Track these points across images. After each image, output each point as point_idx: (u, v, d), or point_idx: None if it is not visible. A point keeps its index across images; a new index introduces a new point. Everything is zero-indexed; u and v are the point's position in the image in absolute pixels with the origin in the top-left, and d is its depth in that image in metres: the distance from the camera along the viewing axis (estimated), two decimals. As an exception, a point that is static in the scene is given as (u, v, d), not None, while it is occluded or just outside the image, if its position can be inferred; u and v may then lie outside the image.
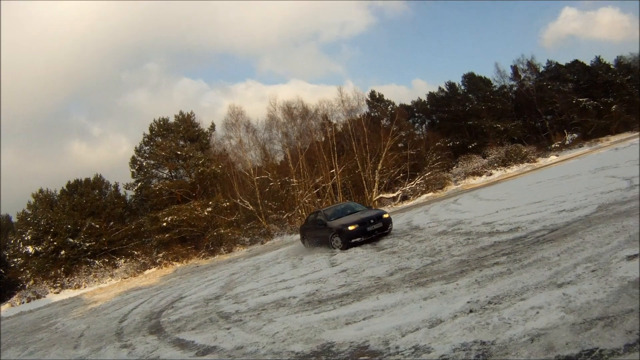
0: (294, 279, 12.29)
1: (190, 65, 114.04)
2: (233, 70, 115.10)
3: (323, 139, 48.16)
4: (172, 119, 46.23)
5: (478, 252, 9.58)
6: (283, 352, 6.25)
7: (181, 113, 46.68)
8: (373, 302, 7.51)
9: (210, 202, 41.93)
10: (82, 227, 40.61)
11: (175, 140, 44.72)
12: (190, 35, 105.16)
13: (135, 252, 40.31)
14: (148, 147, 44.87)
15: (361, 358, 5.26)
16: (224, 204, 42.00)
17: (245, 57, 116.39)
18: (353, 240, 15.29)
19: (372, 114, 56.66)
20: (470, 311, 5.69)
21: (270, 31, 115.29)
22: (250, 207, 41.68)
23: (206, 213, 41.11)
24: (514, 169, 46.81)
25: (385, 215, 16.28)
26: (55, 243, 39.50)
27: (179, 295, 16.43)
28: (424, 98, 67.72)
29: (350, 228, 15.48)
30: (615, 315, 4.44)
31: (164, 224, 40.31)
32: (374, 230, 15.60)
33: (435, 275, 8.36)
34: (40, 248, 39.16)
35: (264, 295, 11.25)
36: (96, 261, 39.44)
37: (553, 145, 55.22)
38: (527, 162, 48.16)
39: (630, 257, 5.83)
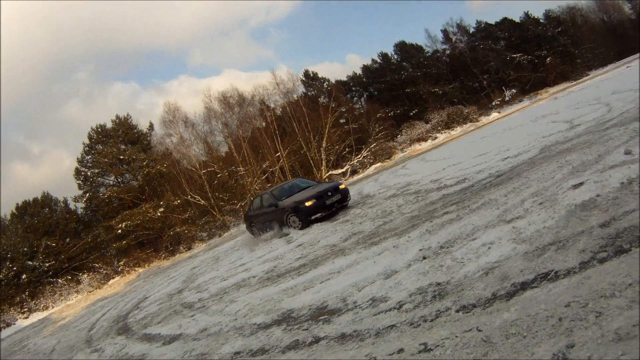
0: (253, 261, 12.24)
1: (121, 68, 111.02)
2: (164, 67, 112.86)
3: (264, 124, 47.80)
4: (109, 125, 45.12)
5: (428, 206, 9.65)
6: (245, 325, 6.32)
7: (117, 117, 45.61)
8: (329, 267, 7.55)
9: (161, 203, 41.17)
10: (38, 248, 39.33)
11: (116, 145, 43.61)
12: (116, 37, 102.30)
13: (97, 265, 39.38)
14: (90, 157, 43.71)
15: (320, 317, 5.30)
16: (175, 202, 41.31)
17: (175, 53, 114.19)
18: (313, 217, 14.08)
19: (309, 93, 56.38)
20: (424, 258, 5.73)
21: (197, 23, 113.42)
22: (202, 202, 41.26)
23: (159, 214, 40.38)
24: (458, 130, 47.54)
25: (342, 186, 15.43)
26: (14, 268, 38.19)
27: (144, 297, 16.17)
28: (359, 72, 67.75)
29: (308, 204, 14.22)
30: (566, 238, 4.51)
31: (119, 231, 39.50)
32: (334, 204, 14.55)
33: (388, 234, 8.38)
34: (0, 276, 37.96)
35: (224, 280, 11.22)
36: (59, 280, 38.35)
37: (493, 103, 56.28)
38: (470, 122, 48.98)
39: (575, 186, 5.90)
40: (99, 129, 44.59)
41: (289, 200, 15.41)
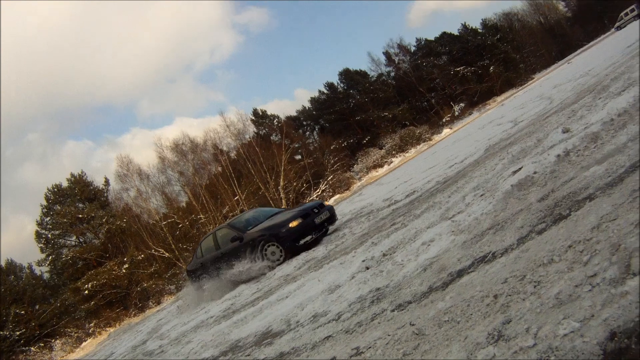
0: (211, 303, 12.18)
1: (71, 126, 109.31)
2: (115, 121, 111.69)
3: (220, 169, 47.65)
4: (65, 184, 44.70)
5: (377, 223, 9.69)
6: (195, 361, 6.32)
7: (72, 175, 45.26)
8: (278, 294, 7.53)
9: (125, 259, 40.62)
10: (7, 317, 38.40)
11: (74, 204, 43.21)
12: (64, 94, 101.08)
13: (68, 329, 38.57)
14: (49, 218, 43.10)
15: (264, 342, 5.31)
16: (139, 257, 40.82)
17: (124, 105, 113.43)
18: (302, 241, 11.16)
19: (261, 132, 56.51)
20: (367, 268, 5.64)
21: (143, 72, 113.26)
22: (167, 255, 40.61)
23: (124, 271, 39.81)
24: (412, 152, 48.01)
25: (327, 203, 14.02)
26: (-16, 339, 37.27)
27: (111, 353, 16.02)
28: (308, 105, 68.27)
29: (293, 225, 11.33)
30: (504, 219, 4.43)
31: (86, 292, 38.74)
32: (323, 222, 11.84)
33: (338, 254, 8.28)
34: (-29, 348, 36.79)
35: (184, 325, 11.28)
36: (32, 348, 37.37)
37: (444, 120, 57.22)
38: (424, 141, 49.56)
39: (515, 172, 5.79)
40: (55, 189, 44.23)
41: (261, 226, 12.25)
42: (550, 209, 3.97)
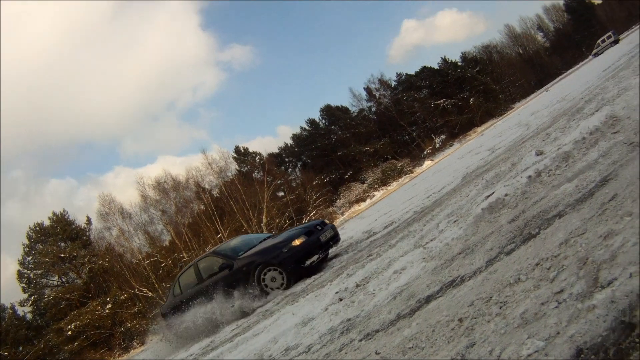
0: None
1: (55, 164, 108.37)
2: (99, 160, 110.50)
3: (202, 207, 47.56)
4: (47, 222, 44.78)
5: (355, 254, 9.55)
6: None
7: (54, 214, 45.27)
8: (254, 329, 7.49)
9: (108, 299, 40.40)
10: None
11: (56, 244, 42.99)
12: (48, 132, 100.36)
13: None
14: (31, 257, 42.99)
15: None
16: (122, 297, 40.58)
17: (108, 143, 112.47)
18: (308, 262, 9.66)
19: (243, 170, 56.62)
20: (340, 299, 5.55)
21: (126, 110, 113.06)
22: (150, 294, 40.18)
23: (107, 311, 39.57)
24: (394, 185, 48.23)
25: (328, 222, 12.30)
26: (-31, 385, 36.63)
27: None
28: (290, 142, 68.62)
29: (296, 243, 9.81)
30: (475, 243, 4.39)
31: (69, 332, 38.29)
32: (328, 241, 10.40)
33: (315, 288, 8.15)
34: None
35: None
36: None
37: (425, 152, 57.65)
38: (405, 174, 49.79)
39: (487, 196, 5.75)
40: (37, 228, 44.15)
41: (256, 249, 10.64)
42: (520, 229, 3.93)
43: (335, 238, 10.75)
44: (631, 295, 2.06)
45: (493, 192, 5.68)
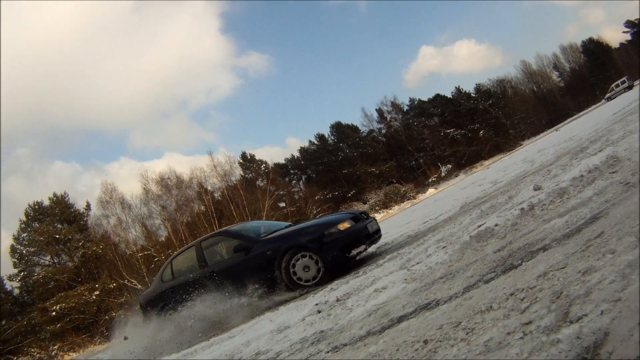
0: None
1: (61, 147, 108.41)
2: (105, 148, 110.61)
3: (203, 208, 47.78)
4: (47, 202, 45.70)
5: (343, 271, 9.39)
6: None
7: (54, 195, 46.15)
8: (231, 332, 7.52)
9: (97, 286, 40.77)
10: None
11: (52, 224, 43.81)
12: (58, 114, 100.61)
13: (32, 349, 38.06)
14: (26, 234, 43.64)
15: None
16: (111, 286, 40.94)
17: (116, 134, 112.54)
18: (355, 252, 8.07)
19: (247, 176, 56.91)
20: (318, 312, 5.53)
21: (139, 103, 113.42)
22: (139, 287, 40.28)
23: (94, 297, 39.95)
24: (395, 209, 48.16)
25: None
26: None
27: None
28: (297, 154, 68.89)
29: (343, 226, 8.20)
30: (458, 269, 4.36)
31: (54, 313, 38.72)
32: (375, 233, 8.92)
33: (297, 299, 8.09)
34: None
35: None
36: None
37: (430, 180, 57.66)
38: (408, 199, 49.74)
39: (479, 226, 5.70)
40: (36, 206, 44.93)
41: (286, 230, 8.92)
42: (503, 260, 3.91)
43: (379, 233, 9.23)
44: (598, 332, 2.01)
45: (485, 222, 5.64)
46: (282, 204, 51.72)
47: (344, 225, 8.20)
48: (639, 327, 1.89)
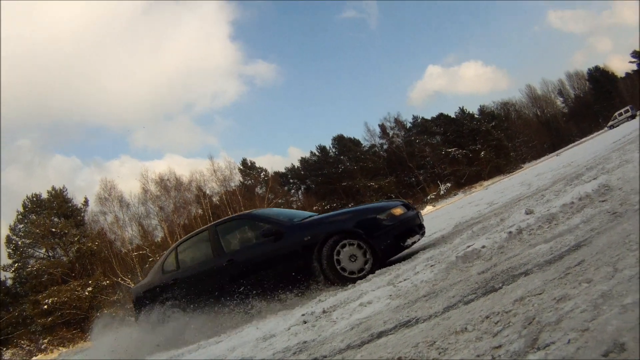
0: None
1: (63, 141, 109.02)
2: (107, 145, 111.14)
3: (200, 211, 47.99)
4: (45, 195, 45.81)
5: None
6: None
7: (53, 188, 46.35)
8: (217, 337, 7.52)
9: (90, 282, 40.91)
10: None
11: (50, 217, 44.09)
12: (62, 108, 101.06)
13: (22, 341, 38.21)
14: (22, 225, 43.80)
15: None
16: (105, 283, 41.20)
17: (119, 131, 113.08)
18: (410, 241, 7.43)
19: (246, 183, 57.08)
20: (304, 322, 5.60)
21: (144, 103, 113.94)
22: (133, 285, 40.31)
23: (87, 293, 40.22)
24: (392, 224, 48.12)
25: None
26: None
27: None
28: (298, 164, 69.11)
29: (397, 212, 7.42)
30: (441, 288, 4.41)
31: (46, 306, 38.87)
32: (422, 225, 8.38)
33: (286, 309, 8.16)
34: None
35: None
36: None
37: (429, 197, 57.72)
38: (405, 216, 49.78)
39: (468, 246, 5.74)
40: (34, 198, 45.11)
41: (328, 214, 7.99)
42: (486, 282, 3.95)
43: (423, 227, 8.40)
44: (562, 361, 2.04)
45: (473, 243, 5.68)
46: (280, 213, 51.95)
47: (398, 211, 7.43)
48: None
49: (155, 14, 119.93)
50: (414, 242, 7.46)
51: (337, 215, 7.71)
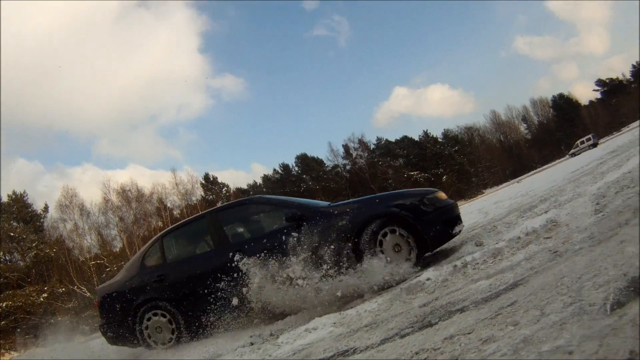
0: None
1: (27, 145, 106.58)
2: (70, 152, 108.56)
3: (160, 224, 47.73)
4: (5, 199, 45.74)
5: None
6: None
7: (14, 192, 46.20)
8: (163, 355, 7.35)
9: (45, 288, 40.31)
10: None
11: (8, 221, 43.78)
12: (26, 111, 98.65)
13: None
14: None
15: None
16: (60, 290, 40.56)
17: (83, 139, 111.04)
18: (457, 229, 6.67)
19: (208, 198, 56.77)
20: (251, 344, 5.70)
21: (109, 111, 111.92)
22: (88, 294, 40.15)
23: (42, 299, 39.59)
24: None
25: None
26: None
27: None
28: (260, 181, 68.98)
29: (442, 197, 6.74)
30: (383, 319, 4.49)
31: None
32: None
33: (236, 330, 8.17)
34: None
35: None
36: None
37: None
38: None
39: (416, 277, 5.85)
40: None
41: (363, 199, 6.79)
42: (424, 316, 4.03)
43: None
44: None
45: (420, 275, 5.78)
46: (240, 230, 51.92)
47: (443, 196, 6.62)
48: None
49: (127, 22, 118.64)
50: (460, 232, 6.75)
51: (375, 198, 6.65)
